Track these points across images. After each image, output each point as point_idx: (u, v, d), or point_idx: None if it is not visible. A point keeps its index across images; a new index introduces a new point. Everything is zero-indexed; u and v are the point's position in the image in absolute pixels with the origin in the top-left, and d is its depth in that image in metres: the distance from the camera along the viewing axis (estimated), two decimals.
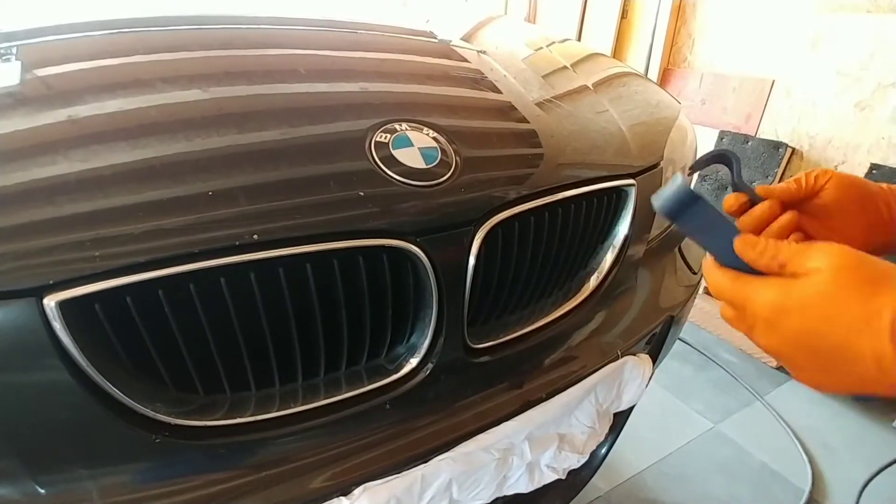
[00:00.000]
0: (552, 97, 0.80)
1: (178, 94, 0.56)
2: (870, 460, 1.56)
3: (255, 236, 0.47)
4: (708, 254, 0.41)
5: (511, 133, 0.69)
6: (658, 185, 0.82)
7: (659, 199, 0.41)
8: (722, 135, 2.12)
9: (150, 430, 0.49)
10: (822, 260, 0.35)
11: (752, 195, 0.48)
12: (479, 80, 0.77)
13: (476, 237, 0.57)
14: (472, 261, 0.57)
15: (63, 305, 0.42)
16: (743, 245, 0.39)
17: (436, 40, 0.88)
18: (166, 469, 0.50)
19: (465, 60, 0.82)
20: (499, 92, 0.75)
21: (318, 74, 0.66)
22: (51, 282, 0.42)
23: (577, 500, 1.04)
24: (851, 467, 1.54)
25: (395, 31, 0.90)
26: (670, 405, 1.79)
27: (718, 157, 0.50)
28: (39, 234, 0.43)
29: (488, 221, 0.57)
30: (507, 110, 0.72)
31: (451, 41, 0.89)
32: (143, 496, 0.48)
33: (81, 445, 0.47)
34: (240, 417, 0.53)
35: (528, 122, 0.71)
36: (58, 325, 0.43)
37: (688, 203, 0.39)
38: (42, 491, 0.45)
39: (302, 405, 0.55)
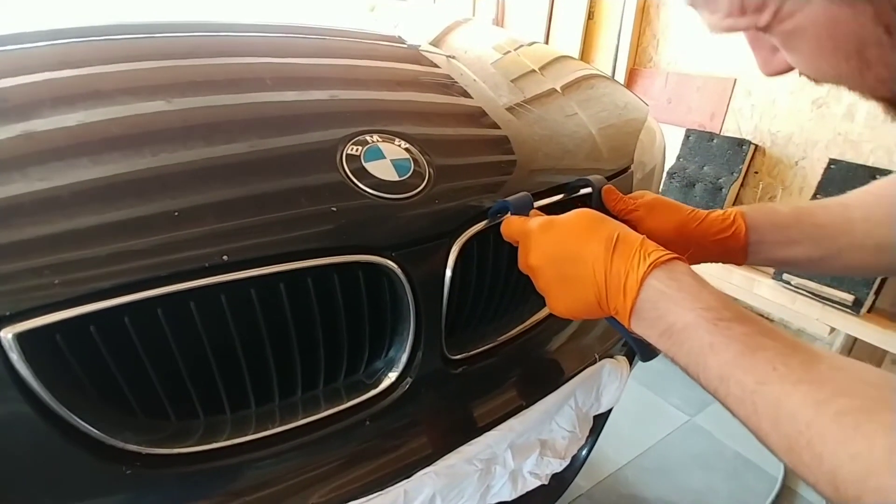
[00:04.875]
0: (522, 102, 0.81)
1: (141, 105, 0.54)
2: None
3: (225, 257, 0.46)
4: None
5: (483, 140, 0.69)
6: (629, 187, 0.83)
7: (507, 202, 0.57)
8: (688, 133, 2.16)
9: (119, 461, 0.47)
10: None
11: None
12: (449, 86, 0.76)
13: (452, 250, 0.56)
14: (448, 273, 0.56)
15: (21, 337, 0.40)
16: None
17: (405, 46, 0.88)
18: (139, 502, 0.48)
19: (435, 66, 0.82)
20: (469, 97, 0.75)
21: (284, 83, 0.64)
22: (7, 313, 0.40)
23: (559, 500, 1.05)
24: None
25: (364, 37, 0.89)
26: (647, 400, 1.82)
27: (585, 183, 0.66)
28: None
29: (465, 233, 0.57)
30: (479, 116, 0.72)
31: (419, 46, 0.88)
32: None
33: (47, 482, 0.44)
34: (215, 442, 0.51)
35: (500, 129, 0.71)
36: (15, 357, 0.40)
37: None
38: None
39: (280, 426, 0.54)
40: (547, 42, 2.69)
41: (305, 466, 0.54)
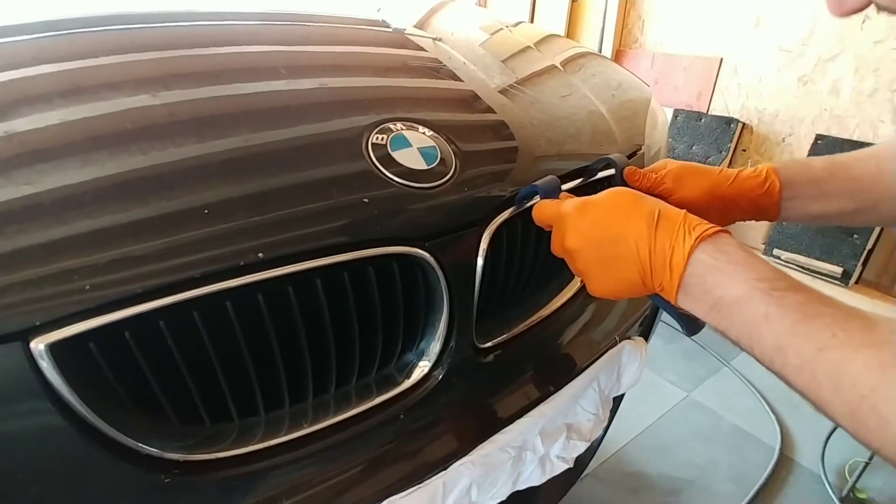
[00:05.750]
0: (535, 87, 0.79)
1: (164, 95, 0.51)
2: None
3: (260, 254, 0.44)
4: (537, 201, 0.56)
5: (504, 125, 0.68)
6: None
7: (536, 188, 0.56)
8: (676, 113, 2.18)
9: (158, 470, 0.45)
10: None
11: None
12: (449, 71, 0.74)
13: (483, 237, 0.55)
14: (479, 261, 0.56)
15: (53, 347, 0.38)
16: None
17: (389, 30, 0.85)
18: None
19: (423, 49, 0.79)
20: (487, 82, 0.73)
21: (274, 75, 0.61)
22: (37, 323, 0.38)
23: None
24: (815, 421, 1.65)
25: (347, 22, 0.85)
26: (646, 378, 1.83)
27: (606, 163, 0.64)
28: (18, 268, 0.38)
29: (495, 220, 0.56)
30: (499, 98, 0.71)
31: (405, 30, 0.86)
32: None
33: (85, 494, 0.42)
34: (250, 445, 0.50)
35: (511, 114, 0.70)
36: (46, 366, 0.38)
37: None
38: None
39: (313, 425, 0.53)
40: (532, 23, 2.66)
41: (343, 464, 0.53)
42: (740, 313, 0.40)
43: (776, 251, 1.83)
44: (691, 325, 0.47)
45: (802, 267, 1.77)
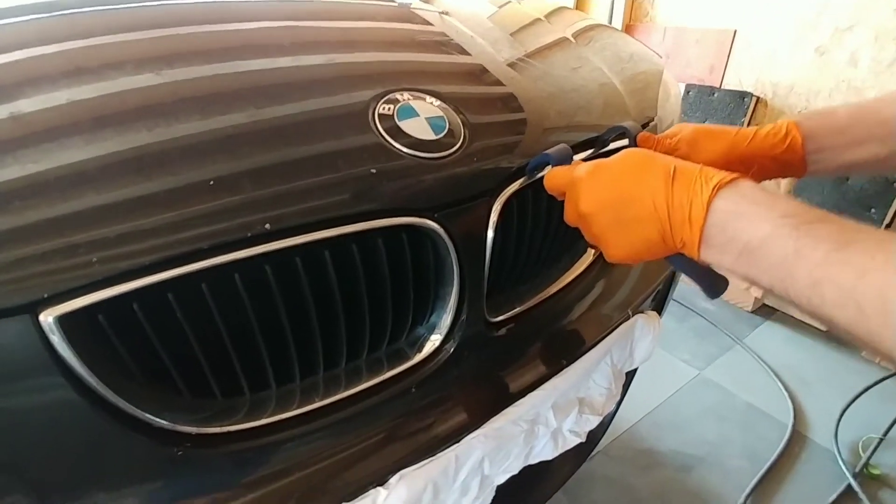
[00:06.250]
0: (546, 59, 0.78)
1: (170, 73, 0.51)
2: (844, 390, 1.66)
3: (267, 225, 0.43)
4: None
5: (512, 97, 0.66)
6: None
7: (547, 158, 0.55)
8: (688, 88, 2.13)
9: (170, 442, 0.45)
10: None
11: None
12: (457, 45, 0.73)
13: (494, 208, 0.54)
14: (490, 233, 0.55)
15: (62, 320, 0.38)
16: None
17: (395, 4, 0.83)
18: (194, 482, 0.46)
19: (429, 23, 0.77)
20: (495, 55, 0.72)
21: (278, 49, 0.60)
22: (45, 295, 0.37)
23: None
24: (828, 398, 1.64)
25: None
26: (657, 357, 1.82)
27: (619, 132, 0.64)
28: (25, 243, 0.38)
29: (505, 191, 0.55)
30: (509, 73, 0.69)
31: (411, 4, 0.84)
32: None
33: (99, 468, 0.43)
34: (262, 419, 0.50)
35: (520, 86, 0.68)
36: (57, 340, 0.38)
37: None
38: None
39: (324, 399, 0.52)
40: None
41: (355, 437, 0.53)
42: (769, 254, 0.37)
43: None
44: (715, 285, 0.46)
45: None
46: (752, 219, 0.38)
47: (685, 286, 2.21)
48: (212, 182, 0.43)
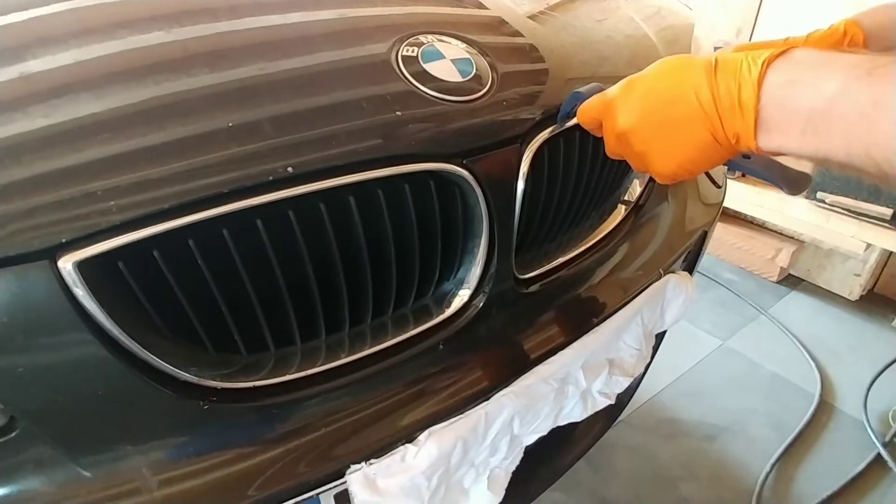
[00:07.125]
0: (574, 11, 0.74)
1: (190, 30, 0.49)
2: (873, 360, 1.61)
3: (290, 169, 0.41)
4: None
5: (535, 46, 0.63)
6: None
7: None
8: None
9: (195, 396, 0.44)
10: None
11: None
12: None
13: (524, 156, 0.51)
14: (521, 184, 0.52)
15: (82, 266, 0.36)
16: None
17: None
18: (220, 436, 0.45)
19: None
20: (514, 8, 0.68)
21: (293, 5, 0.57)
22: (63, 240, 0.36)
23: None
24: (857, 368, 1.60)
25: None
26: (679, 327, 1.79)
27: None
28: (45, 188, 0.37)
29: (536, 138, 0.52)
30: (527, 23, 0.65)
31: None
32: (200, 467, 0.44)
33: (124, 421, 0.42)
34: (287, 374, 0.48)
35: (567, 31, 0.64)
36: (79, 291, 0.37)
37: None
38: (87, 474, 0.41)
39: (350, 355, 0.51)
40: None
41: (383, 393, 0.52)
42: (841, 116, 0.32)
43: (820, 194, 1.74)
44: (787, 180, 0.41)
45: (849, 210, 1.68)
46: (814, 82, 0.33)
47: (708, 256, 2.17)
48: (230, 125, 0.41)
